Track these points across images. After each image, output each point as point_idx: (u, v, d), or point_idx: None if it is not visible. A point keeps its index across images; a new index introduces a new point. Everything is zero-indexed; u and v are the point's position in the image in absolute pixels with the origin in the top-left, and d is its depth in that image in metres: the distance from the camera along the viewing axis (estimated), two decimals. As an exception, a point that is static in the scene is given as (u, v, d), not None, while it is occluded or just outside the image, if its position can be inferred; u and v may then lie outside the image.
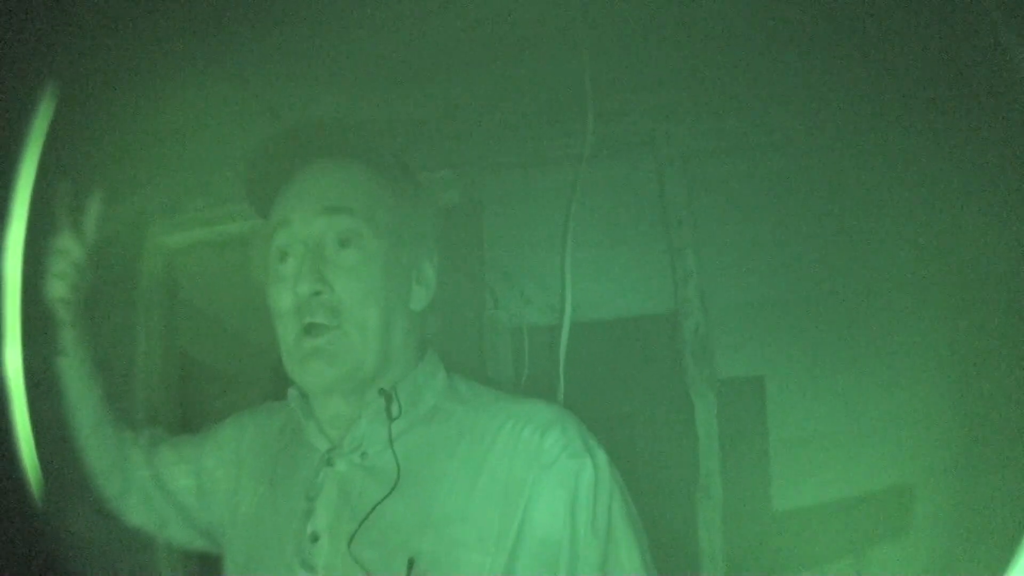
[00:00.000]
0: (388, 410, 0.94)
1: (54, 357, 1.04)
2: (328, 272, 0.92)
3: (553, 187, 1.31)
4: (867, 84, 1.20)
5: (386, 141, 1.11)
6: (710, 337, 1.29)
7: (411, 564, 0.86)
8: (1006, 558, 0.75)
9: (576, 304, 1.29)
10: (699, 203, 1.32)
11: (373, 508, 0.90)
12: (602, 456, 0.91)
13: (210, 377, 1.52)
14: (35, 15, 0.96)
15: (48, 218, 0.98)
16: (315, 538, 0.93)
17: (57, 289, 1.01)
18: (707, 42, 1.24)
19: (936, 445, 1.20)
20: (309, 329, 0.91)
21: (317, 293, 0.91)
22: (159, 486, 1.11)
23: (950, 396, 1.20)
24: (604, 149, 1.31)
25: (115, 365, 1.42)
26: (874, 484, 1.25)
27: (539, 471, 0.88)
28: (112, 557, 1.30)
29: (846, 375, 1.27)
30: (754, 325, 1.31)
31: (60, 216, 1.01)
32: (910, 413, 1.22)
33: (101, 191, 1.03)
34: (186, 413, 1.46)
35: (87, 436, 1.07)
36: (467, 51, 1.26)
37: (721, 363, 1.30)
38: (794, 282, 1.31)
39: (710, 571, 1.27)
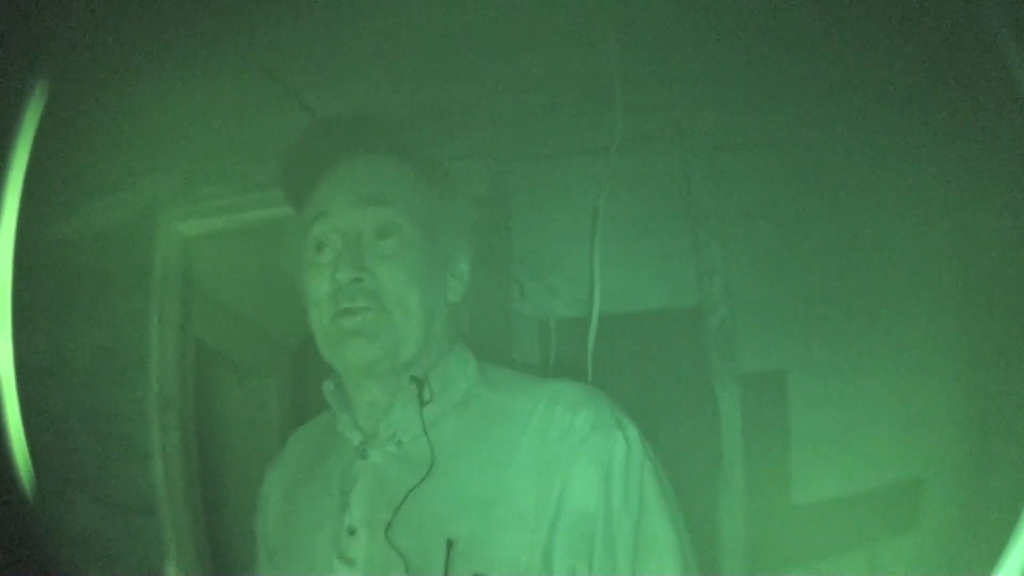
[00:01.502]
0: (420, 395, 0.94)
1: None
2: (367, 260, 0.92)
3: (581, 179, 1.31)
4: (898, 81, 1.20)
5: (416, 131, 1.10)
6: (735, 331, 1.30)
7: (450, 546, 0.86)
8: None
9: (601, 297, 1.29)
10: (725, 197, 1.32)
11: (408, 493, 0.90)
12: (633, 431, 0.93)
13: (227, 366, 1.50)
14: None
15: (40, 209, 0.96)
16: (352, 531, 0.93)
17: None
18: (736, 36, 1.24)
19: (958, 440, 1.22)
20: (347, 312, 0.91)
21: (357, 280, 0.91)
22: None
23: (973, 392, 1.22)
24: (630, 142, 1.30)
25: (130, 353, 1.40)
26: (893, 478, 1.26)
27: (573, 448, 0.89)
28: (107, 550, 1.28)
29: (868, 370, 1.28)
30: (778, 320, 1.31)
31: None
32: (932, 408, 1.23)
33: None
34: (201, 403, 1.45)
35: None
36: (496, 41, 1.25)
37: (744, 357, 1.31)
38: (818, 278, 1.31)
39: (731, 562, 1.28)
